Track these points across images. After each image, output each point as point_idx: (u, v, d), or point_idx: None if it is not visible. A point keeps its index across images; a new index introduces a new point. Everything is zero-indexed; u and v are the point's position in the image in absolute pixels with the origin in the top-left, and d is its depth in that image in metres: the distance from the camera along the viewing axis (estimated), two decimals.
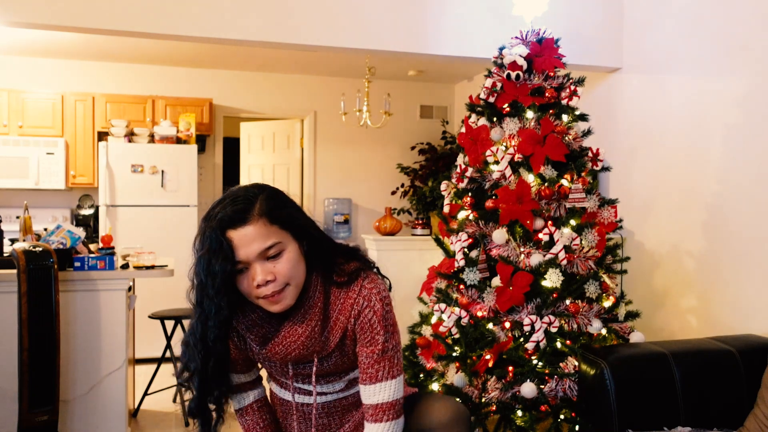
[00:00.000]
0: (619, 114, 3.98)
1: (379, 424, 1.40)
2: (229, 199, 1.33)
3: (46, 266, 2.80)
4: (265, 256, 1.31)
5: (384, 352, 1.41)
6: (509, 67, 2.91)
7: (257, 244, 1.29)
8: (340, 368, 1.51)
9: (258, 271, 1.30)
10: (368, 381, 1.41)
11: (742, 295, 3.02)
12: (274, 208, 1.33)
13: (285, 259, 1.32)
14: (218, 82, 6.10)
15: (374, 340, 1.40)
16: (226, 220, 1.30)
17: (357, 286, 1.41)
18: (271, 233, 1.31)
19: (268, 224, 1.31)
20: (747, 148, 3.01)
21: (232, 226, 1.29)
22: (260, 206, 1.31)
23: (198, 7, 3.31)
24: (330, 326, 1.42)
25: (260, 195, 1.34)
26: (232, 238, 1.29)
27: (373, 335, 1.40)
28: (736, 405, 2.32)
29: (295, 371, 1.49)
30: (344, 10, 3.50)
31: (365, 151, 6.44)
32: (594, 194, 2.86)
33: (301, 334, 1.39)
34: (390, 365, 1.42)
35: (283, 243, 1.33)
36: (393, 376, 1.42)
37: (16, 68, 5.61)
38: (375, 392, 1.41)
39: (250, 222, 1.29)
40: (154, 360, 4.68)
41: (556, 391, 2.54)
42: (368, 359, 1.41)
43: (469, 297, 2.76)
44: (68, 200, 5.85)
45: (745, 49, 3.04)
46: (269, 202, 1.33)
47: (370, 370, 1.41)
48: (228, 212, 1.30)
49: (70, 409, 3.11)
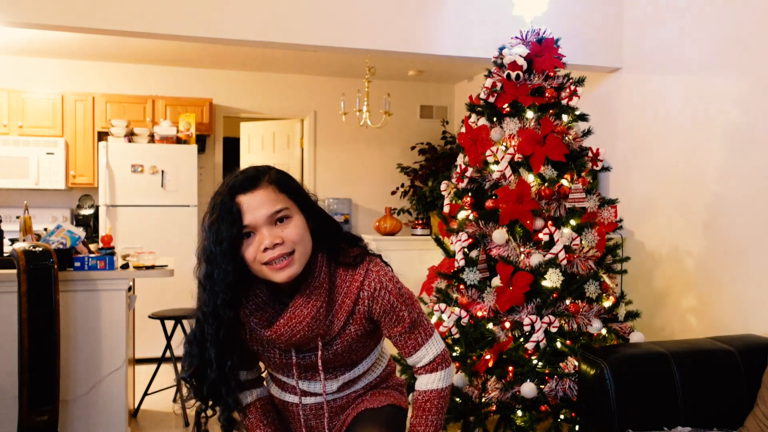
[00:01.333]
0: (619, 114, 3.98)
1: (434, 374, 1.50)
2: (240, 172, 1.40)
3: (46, 266, 2.80)
4: (273, 221, 1.34)
5: (413, 323, 1.48)
6: (509, 67, 2.91)
7: (266, 208, 1.33)
8: (344, 358, 1.51)
9: (266, 234, 1.33)
10: (412, 351, 1.49)
11: (742, 295, 3.02)
12: (284, 179, 1.39)
13: (293, 224, 1.36)
14: (218, 82, 6.10)
15: (400, 317, 1.46)
16: (237, 186, 1.35)
17: (362, 269, 1.44)
18: (279, 199, 1.35)
19: (277, 191, 1.36)
20: (747, 148, 3.01)
21: (243, 191, 1.34)
22: (270, 175, 1.38)
23: (198, 7, 3.31)
24: (335, 309, 1.43)
25: (271, 168, 1.41)
26: (242, 203, 1.33)
27: (398, 314, 1.45)
28: (736, 405, 2.32)
29: (299, 360, 1.48)
30: (344, 10, 3.50)
31: (365, 151, 6.44)
32: (594, 194, 2.86)
33: (306, 315, 1.39)
34: (423, 329, 1.50)
35: (291, 210, 1.37)
36: (429, 335, 1.50)
37: (16, 68, 5.61)
38: (422, 356, 1.50)
39: (259, 187, 1.34)
40: (154, 360, 4.68)
41: (556, 391, 2.54)
42: (403, 336, 1.48)
43: (469, 297, 2.76)
44: (68, 200, 5.85)
45: (745, 49, 3.04)
46: (279, 174, 1.40)
47: (409, 343, 1.49)
48: (239, 179, 1.36)
49: (70, 409, 3.11)
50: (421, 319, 1.50)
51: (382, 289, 1.43)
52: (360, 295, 1.43)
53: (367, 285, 1.43)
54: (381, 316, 1.45)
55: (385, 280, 1.44)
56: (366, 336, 1.50)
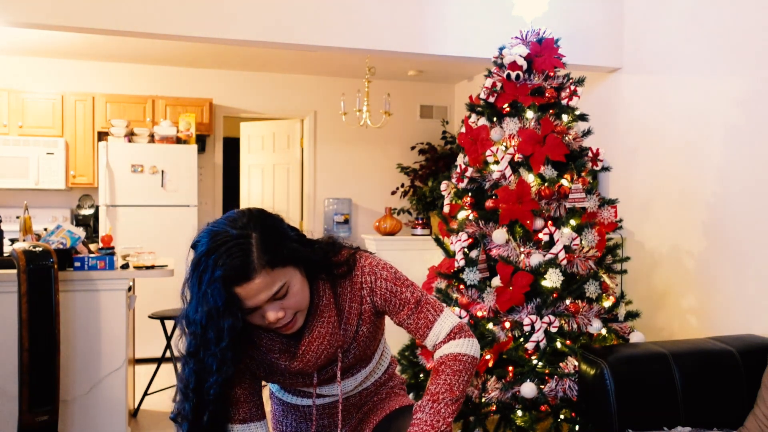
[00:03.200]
0: (619, 114, 3.97)
1: (450, 342, 1.44)
2: (223, 250, 1.23)
3: (46, 266, 2.80)
4: (273, 299, 1.28)
5: (418, 301, 1.44)
6: (509, 67, 2.91)
7: (264, 294, 1.26)
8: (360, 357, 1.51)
9: (268, 311, 1.29)
10: (426, 330, 1.44)
11: (742, 295, 3.02)
12: (272, 250, 1.26)
13: (292, 293, 1.30)
14: (218, 82, 6.10)
15: (403, 299, 1.44)
16: (228, 278, 1.23)
17: (358, 270, 1.43)
18: (275, 279, 1.27)
19: (271, 271, 1.26)
20: (747, 148, 3.01)
21: (236, 283, 1.23)
22: (258, 254, 1.24)
23: (198, 7, 3.31)
24: (345, 317, 1.43)
25: (252, 237, 1.26)
26: (239, 293, 1.24)
27: (399, 297, 1.43)
28: (736, 405, 2.33)
29: (320, 378, 1.49)
30: (344, 10, 3.50)
31: (365, 151, 6.44)
32: (594, 194, 2.86)
33: (324, 335, 1.39)
34: (431, 306, 1.46)
35: (288, 280, 1.30)
36: (440, 310, 1.46)
37: (16, 68, 5.61)
38: (439, 331, 1.44)
39: (253, 277, 1.24)
40: (154, 360, 4.68)
41: (556, 391, 2.54)
42: (412, 316, 1.44)
43: (469, 297, 2.76)
44: (68, 200, 5.85)
45: (745, 49, 3.04)
46: (265, 245, 1.26)
47: (421, 322, 1.44)
48: (227, 268, 1.22)
49: (70, 409, 3.11)
50: (426, 297, 1.48)
51: (378, 279, 1.42)
52: (362, 294, 1.43)
53: (365, 282, 1.42)
54: (384, 305, 1.44)
55: (378, 269, 1.43)
56: (375, 330, 1.51)
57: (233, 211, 1.34)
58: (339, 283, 1.43)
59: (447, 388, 1.38)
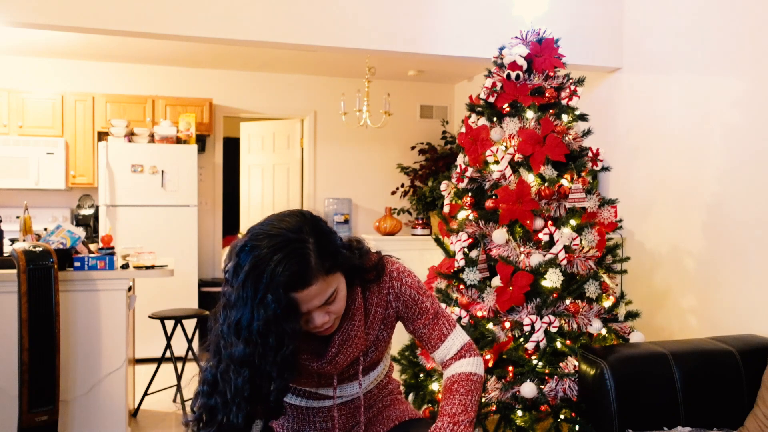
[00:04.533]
0: (619, 114, 3.98)
1: (462, 360, 1.49)
2: (282, 255, 1.22)
3: (46, 266, 2.80)
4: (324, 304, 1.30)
5: (436, 313, 1.50)
6: (509, 67, 2.91)
7: (317, 300, 1.27)
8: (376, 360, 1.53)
9: (316, 317, 1.30)
10: (438, 342, 1.49)
11: (742, 295, 3.02)
12: (327, 256, 1.27)
13: (339, 298, 1.32)
14: (218, 82, 6.10)
15: (423, 308, 1.48)
16: (290, 284, 1.22)
17: (386, 275, 1.46)
18: (329, 284, 1.28)
19: (326, 277, 1.27)
20: (747, 148, 3.01)
21: (295, 289, 1.23)
22: (316, 260, 1.25)
23: (198, 7, 3.31)
24: (371, 320, 1.46)
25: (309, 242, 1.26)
26: (296, 298, 1.24)
27: (420, 305, 1.48)
28: (736, 405, 2.33)
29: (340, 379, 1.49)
30: (344, 10, 3.50)
31: (365, 151, 6.44)
32: (594, 194, 2.85)
33: (353, 337, 1.41)
34: (446, 319, 1.51)
35: (338, 285, 1.31)
36: (453, 325, 1.52)
37: (16, 68, 5.61)
38: (449, 346, 1.50)
39: (312, 283, 1.24)
40: (154, 360, 4.69)
41: (556, 391, 2.53)
42: (428, 326, 1.49)
43: (469, 297, 2.76)
44: (68, 200, 5.85)
45: (745, 49, 3.04)
46: (321, 251, 1.26)
47: (435, 334, 1.49)
48: (287, 274, 1.21)
49: (70, 409, 3.11)
50: (442, 310, 1.52)
51: (403, 285, 1.46)
52: (388, 299, 1.46)
53: (392, 287, 1.46)
54: (405, 311, 1.48)
55: (404, 276, 1.48)
56: (391, 334, 1.53)
57: (283, 213, 1.32)
58: (368, 287, 1.45)
59: (463, 409, 1.42)
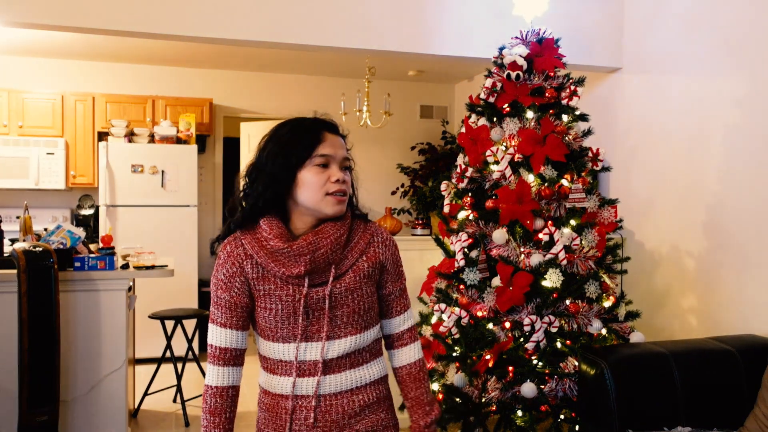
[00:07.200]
0: (619, 114, 3.98)
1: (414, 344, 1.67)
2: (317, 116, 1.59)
3: (46, 266, 2.80)
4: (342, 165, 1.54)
5: (404, 286, 1.68)
6: (509, 67, 2.91)
7: (342, 152, 1.54)
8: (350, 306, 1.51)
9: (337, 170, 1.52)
10: (401, 311, 1.67)
11: (742, 295, 3.02)
12: None
13: (351, 174, 1.58)
14: (218, 82, 6.10)
15: (400, 274, 1.66)
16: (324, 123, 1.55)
17: (372, 226, 1.64)
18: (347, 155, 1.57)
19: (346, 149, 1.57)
20: (747, 148, 3.01)
21: (329, 129, 1.54)
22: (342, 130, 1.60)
23: (198, 7, 3.31)
24: (351, 246, 1.57)
25: None
26: (327, 138, 1.52)
27: (398, 270, 1.66)
28: (736, 405, 2.33)
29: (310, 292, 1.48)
30: (344, 10, 3.50)
31: (365, 151, 6.43)
32: (594, 194, 2.85)
33: (331, 234, 1.51)
34: (407, 297, 1.70)
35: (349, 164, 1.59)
36: (409, 305, 1.71)
37: (16, 68, 5.61)
38: (406, 319, 1.68)
39: (340, 134, 1.57)
40: (154, 360, 4.69)
41: (556, 391, 2.54)
42: (397, 294, 1.66)
43: (469, 297, 2.76)
44: (68, 200, 5.85)
45: (745, 49, 3.04)
46: None
47: (401, 302, 1.67)
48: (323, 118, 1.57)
49: (70, 409, 3.11)
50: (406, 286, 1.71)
51: (392, 242, 1.64)
52: (373, 239, 1.59)
53: (380, 233, 1.61)
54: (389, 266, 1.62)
55: (392, 241, 1.64)
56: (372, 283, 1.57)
57: None
58: (356, 222, 1.61)
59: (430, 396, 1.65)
